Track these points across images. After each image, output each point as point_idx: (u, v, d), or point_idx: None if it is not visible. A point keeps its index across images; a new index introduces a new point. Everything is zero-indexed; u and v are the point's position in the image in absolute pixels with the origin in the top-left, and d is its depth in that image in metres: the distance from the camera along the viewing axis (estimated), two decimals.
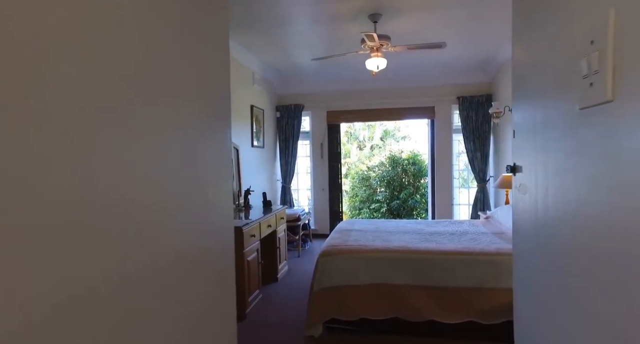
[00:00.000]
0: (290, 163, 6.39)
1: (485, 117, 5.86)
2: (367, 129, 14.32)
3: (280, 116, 6.42)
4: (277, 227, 4.20)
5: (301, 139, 6.58)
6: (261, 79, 5.58)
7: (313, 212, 6.65)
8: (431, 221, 4.21)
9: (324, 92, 6.42)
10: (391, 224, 4.02)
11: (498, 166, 5.72)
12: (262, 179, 5.70)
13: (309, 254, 5.49)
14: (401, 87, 6.23)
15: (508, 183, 4.33)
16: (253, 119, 5.21)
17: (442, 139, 6.21)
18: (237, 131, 4.70)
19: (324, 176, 6.54)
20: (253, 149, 5.28)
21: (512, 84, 1.55)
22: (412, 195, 8.18)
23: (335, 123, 6.51)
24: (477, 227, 3.73)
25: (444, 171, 6.22)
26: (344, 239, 3.29)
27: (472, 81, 6.00)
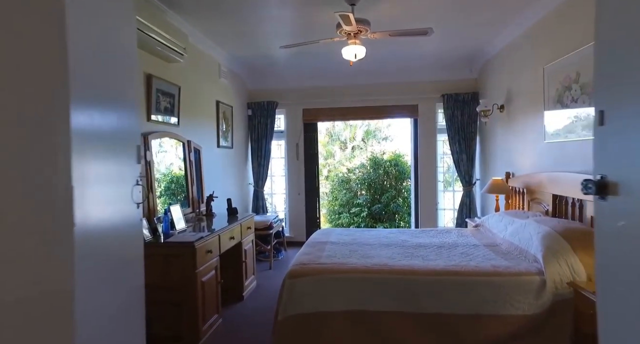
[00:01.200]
0: (263, 165, 5.88)
1: (471, 116, 5.51)
2: (348, 128, 13.96)
3: (251, 114, 5.91)
4: (243, 239, 3.69)
5: (275, 139, 6.08)
6: (229, 73, 5.06)
7: (288, 219, 6.15)
8: (415, 230, 3.79)
9: (300, 88, 5.95)
10: (371, 235, 3.57)
11: (485, 168, 5.37)
12: (231, 183, 5.17)
13: (282, 265, 4.98)
14: (383, 84, 5.81)
15: (498, 188, 3.95)
16: (219, 117, 4.69)
17: (426, 140, 5.82)
18: (200, 129, 4.17)
19: (299, 179, 6.05)
20: (220, 149, 4.76)
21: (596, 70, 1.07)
22: (394, 198, 7.79)
23: (312, 122, 6.04)
24: (467, 238, 3.32)
25: (428, 173, 5.84)
26: (316, 255, 2.81)
27: (457, 78, 5.64)
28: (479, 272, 2.33)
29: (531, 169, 3.69)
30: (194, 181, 3.75)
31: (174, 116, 3.51)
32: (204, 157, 4.14)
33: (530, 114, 3.73)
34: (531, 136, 3.69)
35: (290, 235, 6.05)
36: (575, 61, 2.85)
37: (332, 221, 8.26)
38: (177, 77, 3.58)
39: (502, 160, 4.57)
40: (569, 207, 2.93)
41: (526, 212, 3.28)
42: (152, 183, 2.97)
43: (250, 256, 3.92)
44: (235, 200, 5.22)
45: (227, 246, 3.25)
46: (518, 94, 4.06)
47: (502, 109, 4.45)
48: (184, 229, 3.07)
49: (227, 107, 4.96)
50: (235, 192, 5.36)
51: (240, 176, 5.62)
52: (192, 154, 3.77)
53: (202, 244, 2.71)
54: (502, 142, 4.56)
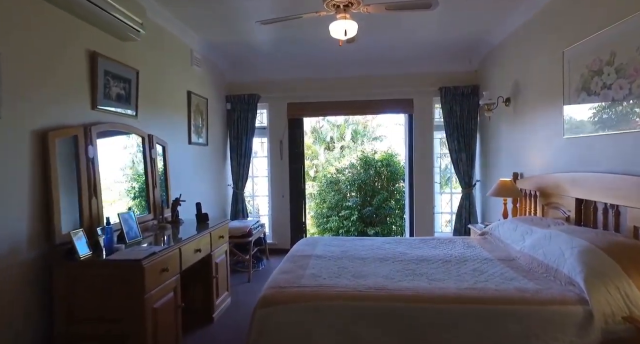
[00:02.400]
0: (244, 165, 5.33)
1: (471, 111, 5.05)
2: (334, 129, 13.47)
3: (231, 108, 5.35)
4: (214, 250, 3.14)
5: (257, 136, 5.54)
6: (203, 60, 4.51)
7: (271, 224, 5.61)
8: (414, 239, 3.29)
9: (284, 80, 5.42)
10: (364, 246, 3.06)
11: (487, 168, 4.91)
12: (206, 184, 4.61)
13: (263, 276, 4.44)
14: (375, 76, 5.32)
15: (506, 190, 3.48)
16: (191, 109, 4.13)
17: (422, 137, 5.35)
18: (166, 122, 3.61)
19: (283, 180, 5.52)
20: (192, 146, 4.19)
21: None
22: (386, 201, 7.31)
23: (297, 117, 5.51)
24: (475, 250, 2.83)
25: (424, 174, 5.36)
26: (297, 274, 2.29)
27: (456, 70, 5.18)
28: (502, 298, 1.83)
29: (546, 168, 3.23)
30: (156, 183, 3.19)
31: (130, 105, 2.95)
32: (170, 154, 3.58)
33: (544, 106, 3.27)
34: (546, 131, 3.23)
35: (273, 242, 5.51)
36: (607, 40, 2.39)
37: (319, 225, 7.74)
38: (135, 59, 3.02)
39: (508, 159, 4.11)
40: (599, 214, 2.46)
41: (545, 219, 2.81)
42: (95, 186, 2.41)
43: (224, 270, 3.38)
44: (211, 204, 4.68)
45: (191, 260, 2.70)
46: (528, 85, 3.60)
47: (508, 103, 3.99)
48: (138, 241, 2.52)
49: (201, 99, 4.40)
50: (211, 194, 4.80)
51: (217, 176, 5.06)
52: (155, 151, 3.21)
53: (154, 262, 2.16)
54: (508, 139, 4.10)
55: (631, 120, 2.20)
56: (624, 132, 2.26)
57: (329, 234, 7.53)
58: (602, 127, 2.46)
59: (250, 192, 5.91)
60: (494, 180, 4.54)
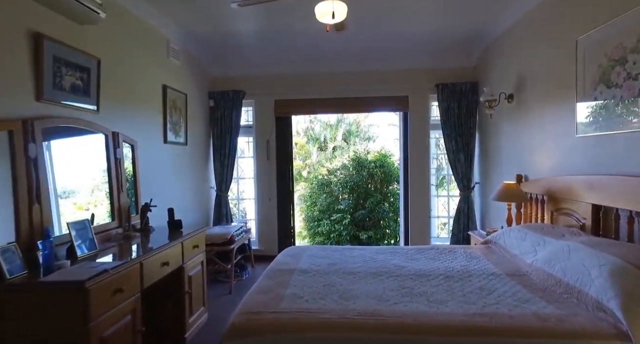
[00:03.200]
0: (228, 165, 4.98)
1: (470, 109, 4.76)
2: (327, 129, 13.15)
3: (214, 105, 5.00)
4: (187, 262, 2.79)
5: (242, 135, 5.19)
6: (182, 53, 4.15)
7: (257, 229, 5.26)
8: (410, 249, 2.97)
9: (272, 75, 5.08)
10: (354, 257, 2.73)
11: (486, 169, 4.61)
12: (184, 187, 4.25)
13: (247, 286, 4.09)
14: (368, 72, 5.00)
15: (511, 194, 3.18)
16: (167, 105, 3.77)
17: (418, 137, 5.04)
18: (135, 119, 3.25)
19: (271, 181, 5.17)
20: (168, 146, 3.84)
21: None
22: (379, 204, 6.99)
23: (285, 115, 5.17)
24: (479, 262, 2.52)
25: (420, 176, 5.05)
26: (276, 295, 1.95)
27: (453, 65, 4.88)
28: (520, 329, 1.51)
29: (555, 170, 2.93)
30: (122, 186, 2.83)
31: (90, 98, 2.59)
32: (141, 154, 3.22)
33: (553, 101, 2.97)
34: (555, 129, 2.93)
35: (259, 248, 5.16)
36: (632, 24, 2.09)
37: (310, 229, 7.40)
38: (96, 46, 2.66)
39: (510, 160, 3.81)
40: (622, 223, 2.16)
41: (557, 228, 2.50)
42: (39, 190, 2.05)
43: (199, 283, 3.03)
44: (191, 208, 4.32)
45: (156, 276, 2.35)
46: (534, 79, 3.30)
47: (511, 99, 3.69)
48: (92, 254, 2.16)
49: (179, 94, 4.04)
50: (191, 198, 4.44)
51: (198, 178, 4.70)
52: (120, 151, 2.85)
53: (104, 282, 1.80)
54: (510, 138, 3.80)
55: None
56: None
57: (319, 238, 7.20)
58: (624, 123, 2.16)
59: (235, 195, 5.56)
60: (494, 182, 4.25)
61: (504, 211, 3.85)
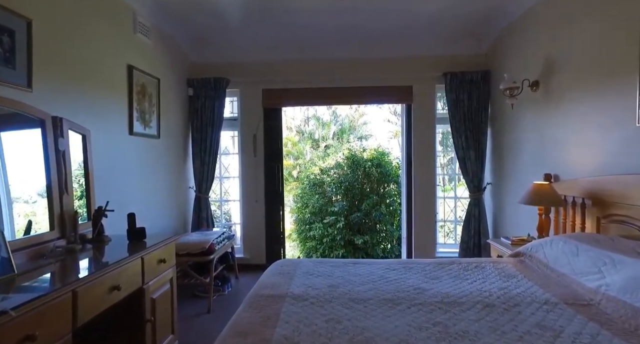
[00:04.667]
0: (209, 163, 4.39)
1: (481, 101, 4.26)
2: (320, 127, 12.62)
3: (193, 94, 4.40)
4: (149, 282, 2.21)
5: (226, 129, 4.60)
6: (154, 30, 3.55)
7: (242, 234, 4.67)
8: (428, 262, 2.43)
9: (259, 61, 4.50)
10: (361, 275, 2.18)
11: (500, 169, 4.11)
12: (156, 187, 3.64)
13: (230, 303, 3.53)
14: (367, 59, 4.47)
15: (544, 197, 2.66)
16: (134, 90, 3.17)
17: (423, 132, 4.51)
18: (87, 102, 2.65)
19: (258, 181, 4.59)
20: (135, 138, 3.23)
21: None
22: (376, 206, 6.46)
23: (274, 107, 4.60)
24: (519, 283, 1.99)
25: (424, 175, 4.53)
26: (262, 339, 1.39)
27: (462, 52, 4.38)
28: None
29: (601, 169, 2.42)
30: (66, 186, 2.23)
31: (15, 70, 1.98)
32: (97, 147, 2.62)
33: (598, 86, 2.47)
34: (603, 119, 2.43)
35: (244, 256, 4.58)
36: None
37: (301, 232, 6.84)
38: (26, 4, 2.06)
39: (534, 157, 3.31)
40: None
41: (620, 240, 1.98)
42: None
43: (166, 308, 2.44)
44: (165, 212, 3.73)
45: (100, 306, 1.75)
46: (568, 62, 2.80)
47: (536, 87, 3.19)
48: (4, 280, 1.56)
49: (149, 78, 3.44)
50: (165, 200, 3.84)
51: (174, 177, 4.10)
52: (65, 142, 2.25)
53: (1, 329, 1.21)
54: (535, 132, 3.30)
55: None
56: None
57: (311, 243, 6.63)
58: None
59: (217, 197, 4.97)
60: (511, 183, 3.76)
61: (524, 215, 3.38)
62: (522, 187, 3.49)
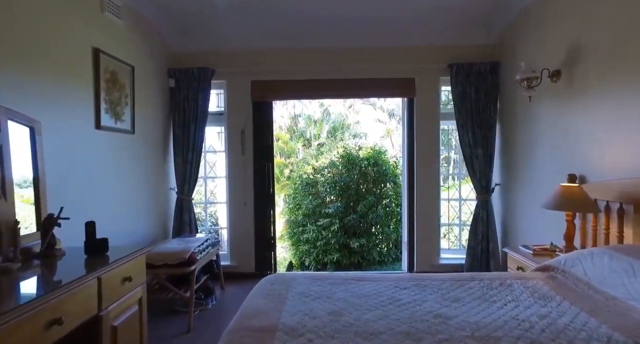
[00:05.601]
0: (192, 162, 3.98)
1: (490, 95, 3.93)
2: (312, 125, 12.25)
3: (175, 86, 3.99)
4: (110, 307, 1.81)
5: (211, 124, 4.19)
6: (127, 10, 3.13)
7: (229, 240, 4.27)
8: (443, 279, 2.06)
9: (248, 50, 4.10)
10: (366, 296, 1.81)
11: (510, 168, 3.78)
12: (129, 189, 3.23)
13: (214, 319, 3.13)
14: (366, 48, 4.10)
15: (574, 200, 2.31)
16: (101, 77, 2.75)
17: (426, 128, 4.16)
18: (39, 87, 2.23)
19: (246, 182, 4.19)
20: (103, 133, 2.82)
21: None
22: (372, 207, 6.11)
23: (264, 100, 4.20)
24: (562, 308, 1.64)
25: (427, 175, 4.17)
26: None
27: (469, 42, 4.04)
28: None
29: None
30: (3, 189, 1.81)
31: None
32: (52, 142, 2.21)
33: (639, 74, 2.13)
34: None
35: (231, 264, 4.18)
36: None
37: (293, 235, 6.45)
38: None
39: (555, 155, 2.97)
40: None
41: None
42: None
43: (132, 336, 2.04)
44: (140, 217, 3.32)
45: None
46: (598, 48, 2.46)
47: (557, 77, 2.85)
48: None
49: (121, 65, 3.03)
50: (142, 203, 3.43)
51: (152, 177, 3.68)
52: (3, 135, 1.83)
53: None
54: (556, 127, 2.96)
55: None
56: None
57: (304, 246, 6.25)
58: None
59: (202, 199, 4.57)
60: (524, 184, 3.44)
61: (539, 220, 3.06)
62: (538, 189, 3.17)
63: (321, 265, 6.16)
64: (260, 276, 4.26)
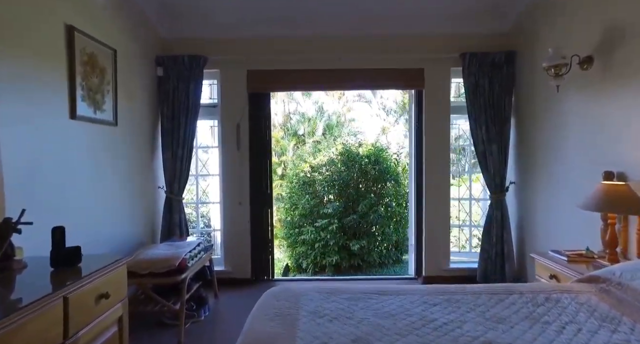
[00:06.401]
0: (182, 158, 3.63)
1: (505, 86, 3.66)
2: (306, 122, 11.93)
3: (164, 74, 3.64)
4: (78, 334, 1.48)
5: (203, 117, 3.85)
6: None
7: (223, 243, 3.94)
8: (479, 293, 1.77)
9: (244, 38, 3.76)
10: (393, 316, 1.51)
11: (527, 165, 3.51)
12: (111, 187, 2.88)
13: (207, 332, 2.81)
14: (371, 36, 3.79)
15: (623, 201, 2.03)
16: (76, 59, 2.40)
17: (436, 123, 3.87)
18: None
19: (242, 180, 3.86)
20: (80, 124, 2.47)
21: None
22: (373, 207, 5.81)
23: (261, 91, 3.87)
24: (636, 333, 1.34)
25: (436, 173, 3.89)
26: None
27: (482, 29, 3.76)
28: None
29: None
30: None
31: None
32: (11, 133, 1.86)
33: None
34: None
35: (225, 269, 3.84)
36: None
37: (289, 237, 6.12)
38: None
39: (586, 151, 2.69)
40: None
41: None
42: None
43: None
44: (123, 219, 2.97)
45: None
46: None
47: (588, 64, 2.57)
48: None
49: (101, 48, 2.67)
50: (125, 204, 3.08)
51: (138, 175, 3.33)
52: None
53: None
54: (587, 119, 2.68)
55: None
56: None
57: (301, 248, 5.92)
58: None
59: (193, 198, 4.22)
60: (545, 182, 3.19)
61: (562, 221, 2.81)
62: (563, 188, 2.91)
63: (319, 268, 5.86)
64: (257, 281, 3.97)
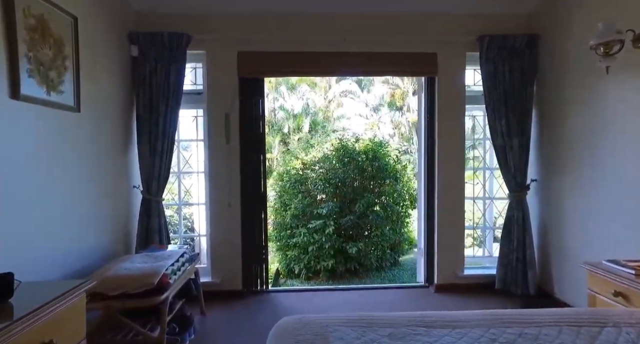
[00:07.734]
0: (163, 152, 3.11)
1: (527, 74, 3.29)
2: (291, 119, 11.47)
3: (139, 54, 3.10)
4: None
5: (186, 105, 3.34)
6: None
7: (210, 250, 3.43)
8: (541, 322, 1.36)
9: (234, 14, 3.27)
10: None
11: (551, 160, 3.16)
12: (70, 188, 2.34)
13: None
14: (378, 15, 3.36)
15: None
16: (18, 22, 1.86)
17: (449, 114, 3.47)
18: None
19: (232, 178, 3.36)
20: (26, 106, 1.94)
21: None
22: (371, 206, 5.40)
23: (254, 76, 3.38)
24: None
25: (449, 170, 3.49)
26: None
27: (502, 10, 3.38)
28: None
29: None
30: None
31: None
32: None
33: None
34: None
35: (212, 280, 3.34)
36: None
37: (280, 240, 5.65)
38: None
39: (637, 144, 2.34)
40: None
41: None
42: None
43: None
44: (90, 227, 2.43)
45: None
46: None
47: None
48: None
49: (55, 12, 2.14)
50: (92, 208, 2.54)
51: (108, 171, 2.79)
52: None
53: None
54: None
55: None
56: None
57: (293, 252, 5.46)
58: None
59: (175, 199, 3.70)
60: (577, 181, 2.83)
61: (594, 224, 2.44)
62: (602, 187, 2.56)
63: (313, 273, 5.42)
64: (248, 293, 3.47)
